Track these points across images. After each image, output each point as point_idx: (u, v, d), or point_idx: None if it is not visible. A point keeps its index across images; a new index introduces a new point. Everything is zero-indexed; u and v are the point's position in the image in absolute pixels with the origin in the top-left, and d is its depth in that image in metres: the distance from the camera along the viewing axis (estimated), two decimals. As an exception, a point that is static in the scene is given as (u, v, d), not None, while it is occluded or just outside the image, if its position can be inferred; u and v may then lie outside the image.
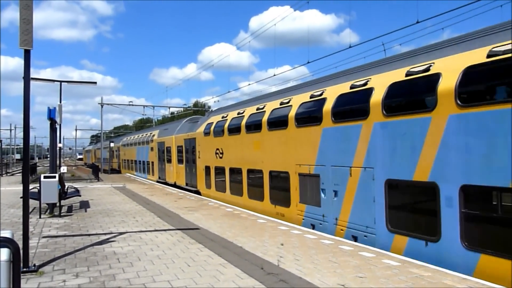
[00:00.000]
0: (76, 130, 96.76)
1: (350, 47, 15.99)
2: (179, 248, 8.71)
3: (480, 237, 6.99)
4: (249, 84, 50.70)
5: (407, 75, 8.45)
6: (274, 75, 36.38)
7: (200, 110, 57.12)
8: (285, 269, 7.00)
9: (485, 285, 6.09)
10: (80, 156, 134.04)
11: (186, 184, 23.75)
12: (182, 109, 68.22)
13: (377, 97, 9.05)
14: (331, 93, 10.94)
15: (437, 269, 6.93)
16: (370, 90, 9.40)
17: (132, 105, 51.28)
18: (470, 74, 7.18)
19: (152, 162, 32.79)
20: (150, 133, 35.60)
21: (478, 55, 7.16)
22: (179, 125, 27.03)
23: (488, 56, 6.93)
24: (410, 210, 8.67)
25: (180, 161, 25.09)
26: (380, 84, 9.19)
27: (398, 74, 8.78)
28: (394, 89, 8.73)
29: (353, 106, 10.19)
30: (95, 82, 31.97)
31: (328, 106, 10.78)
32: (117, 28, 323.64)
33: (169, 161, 27.54)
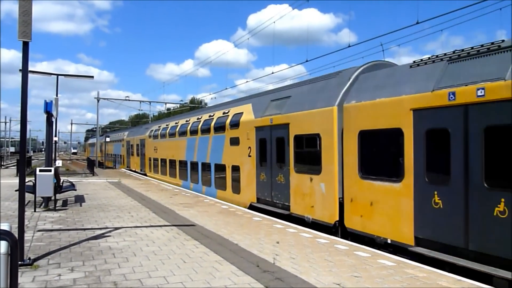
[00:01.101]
0: (71, 124, 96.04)
1: (349, 46, 16.00)
2: (175, 244, 8.70)
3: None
4: (246, 82, 50.57)
5: None
6: (273, 73, 36.57)
7: (196, 107, 56.99)
8: (281, 267, 7.01)
9: (479, 286, 6.13)
10: (74, 150, 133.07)
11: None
12: (178, 105, 68.18)
13: None
14: None
15: (432, 270, 6.97)
16: None
17: (129, 100, 51.15)
18: None
19: (236, 169, 16.37)
20: (225, 112, 18.11)
21: None
22: (367, 79, 10.42)
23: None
24: None
25: (407, 172, 8.51)
26: None
27: None
28: None
29: None
30: (92, 76, 31.71)
31: None
32: (115, 22, 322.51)
33: (317, 170, 11.27)
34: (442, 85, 7.89)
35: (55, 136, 25.56)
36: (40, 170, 12.73)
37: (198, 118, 21.93)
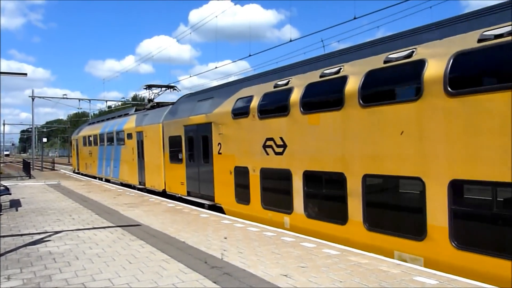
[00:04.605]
0: (3, 124, 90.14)
1: (290, 41, 16.27)
2: (120, 245, 8.47)
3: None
4: (190, 76, 50.10)
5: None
6: (216, 67, 36.30)
7: (139, 104, 55.49)
8: (229, 262, 7.04)
9: (417, 269, 6.49)
10: (7, 152, 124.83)
11: None
12: (120, 102, 66.09)
13: None
14: None
15: (374, 257, 7.28)
16: None
17: (66, 98, 48.84)
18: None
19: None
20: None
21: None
22: None
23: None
24: None
25: None
26: None
27: None
28: None
29: None
30: (25, 74, 29.80)
31: None
32: (49, 17, 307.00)
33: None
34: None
35: (-14, 137, 23.93)
36: (-30, 175, 11.86)
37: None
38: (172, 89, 24.36)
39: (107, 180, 26.12)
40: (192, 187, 15.51)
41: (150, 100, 23.62)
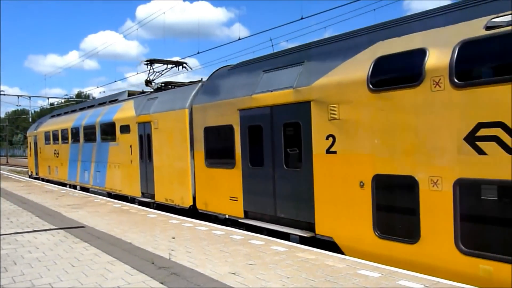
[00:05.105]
0: None
1: (239, 39, 16.34)
2: (62, 248, 8.14)
3: None
4: (137, 74, 48.99)
5: None
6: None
7: (83, 101, 53.55)
8: (177, 262, 6.96)
9: (361, 263, 6.73)
10: None
11: None
12: (63, 100, 63.48)
13: None
14: None
15: (320, 252, 7.47)
16: None
17: (4, 94, 46.31)
18: None
19: None
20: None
21: None
22: None
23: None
24: None
25: None
26: None
27: None
28: None
29: None
30: (-43, 68, 27.99)
31: None
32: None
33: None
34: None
35: None
36: None
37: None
38: (180, 67, 17.86)
39: (85, 189, 20.01)
40: (258, 205, 10.03)
41: (148, 82, 17.01)
